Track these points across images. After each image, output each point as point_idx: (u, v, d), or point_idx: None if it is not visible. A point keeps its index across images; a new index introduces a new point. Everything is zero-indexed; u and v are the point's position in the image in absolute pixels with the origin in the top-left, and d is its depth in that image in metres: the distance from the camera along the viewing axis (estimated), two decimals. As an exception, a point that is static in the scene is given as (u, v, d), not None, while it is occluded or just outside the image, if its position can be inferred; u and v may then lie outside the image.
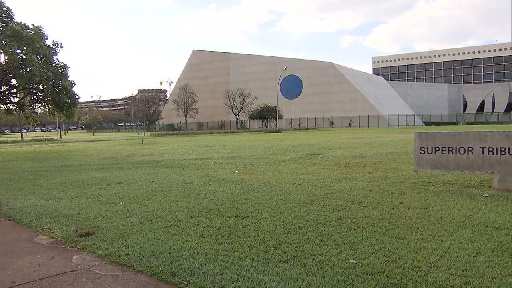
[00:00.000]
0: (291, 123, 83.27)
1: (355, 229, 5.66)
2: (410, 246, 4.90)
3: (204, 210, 7.10)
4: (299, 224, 6.02)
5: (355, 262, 4.43)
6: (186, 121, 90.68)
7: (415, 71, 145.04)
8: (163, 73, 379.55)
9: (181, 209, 7.23)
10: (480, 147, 8.37)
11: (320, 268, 4.30)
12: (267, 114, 77.08)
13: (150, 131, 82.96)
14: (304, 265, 4.39)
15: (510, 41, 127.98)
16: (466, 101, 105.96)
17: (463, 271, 4.15)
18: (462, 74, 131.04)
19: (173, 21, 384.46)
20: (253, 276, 4.15)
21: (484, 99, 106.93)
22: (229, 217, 6.56)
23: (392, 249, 4.81)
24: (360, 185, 9.27)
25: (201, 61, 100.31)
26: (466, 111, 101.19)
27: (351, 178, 10.28)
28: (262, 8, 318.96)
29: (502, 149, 8.22)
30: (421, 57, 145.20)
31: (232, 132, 64.51)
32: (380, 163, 13.24)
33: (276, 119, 75.16)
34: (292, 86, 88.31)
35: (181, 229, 5.94)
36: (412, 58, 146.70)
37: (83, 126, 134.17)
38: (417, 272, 4.14)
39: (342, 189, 8.83)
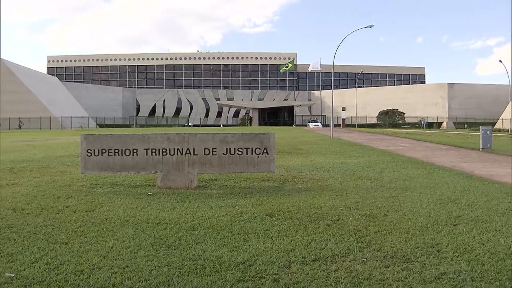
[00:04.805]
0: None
1: (15, 239, 5.26)
2: (74, 250, 4.82)
3: None
4: None
5: (13, 275, 4.12)
6: None
7: (91, 73, 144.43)
8: None
9: None
10: (145, 149, 8.84)
11: (-33, 290, 3.86)
12: None
13: None
14: None
15: (212, 51, 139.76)
16: (139, 105, 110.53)
17: (124, 268, 4.29)
18: (136, 79, 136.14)
19: None
20: None
21: (156, 104, 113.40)
22: None
23: (54, 255, 4.65)
24: (24, 191, 8.68)
25: None
26: (139, 114, 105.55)
27: (15, 184, 9.56)
28: None
29: (164, 150, 8.87)
30: (97, 60, 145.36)
31: None
32: (48, 166, 12.70)
33: None
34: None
35: None
36: (88, 60, 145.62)
37: None
38: (79, 276, 4.09)
39: (3, 196, 8.10)
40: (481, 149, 19.71)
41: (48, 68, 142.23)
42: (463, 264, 4.41)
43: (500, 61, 64.47)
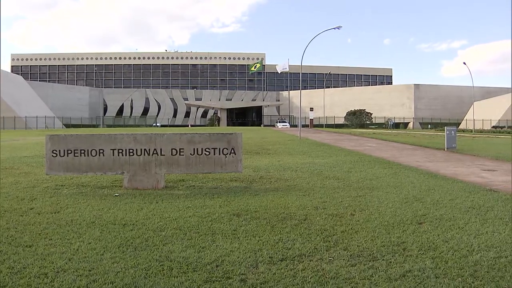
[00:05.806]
0: None
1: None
2: (38, 253, 4.72)
3: None
4: None
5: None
6: None
7: (57, 72, 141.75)
8: None
9: None
10: (111, 149, 8.73)
11: None
12: None
13: None
14: None
15: (181, 50, 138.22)
16: (106, 105, 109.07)
17: (90, 270, 4.23)
18: (103, 79, 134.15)
19: None
20: None
21: (123, 103, 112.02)
22: None
23: (17, 259, 4.54)
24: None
25: None
26: (106, 114, 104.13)
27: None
28: None
29: (131, 151, 8.77)
30: (64, 59, 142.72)
31: None
32: (12, 167, 12.40)
33: None
34: None
35: None
36: (54, 59, 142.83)
37: None
38: (43, 279, 4.01)
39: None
40: (446, 149, 20.13)
41: (12, 66, 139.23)
42: (428, 261, 4.50)
43: (464, 63, 65.81)
